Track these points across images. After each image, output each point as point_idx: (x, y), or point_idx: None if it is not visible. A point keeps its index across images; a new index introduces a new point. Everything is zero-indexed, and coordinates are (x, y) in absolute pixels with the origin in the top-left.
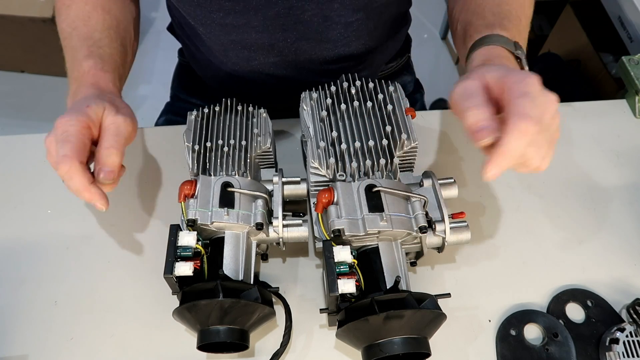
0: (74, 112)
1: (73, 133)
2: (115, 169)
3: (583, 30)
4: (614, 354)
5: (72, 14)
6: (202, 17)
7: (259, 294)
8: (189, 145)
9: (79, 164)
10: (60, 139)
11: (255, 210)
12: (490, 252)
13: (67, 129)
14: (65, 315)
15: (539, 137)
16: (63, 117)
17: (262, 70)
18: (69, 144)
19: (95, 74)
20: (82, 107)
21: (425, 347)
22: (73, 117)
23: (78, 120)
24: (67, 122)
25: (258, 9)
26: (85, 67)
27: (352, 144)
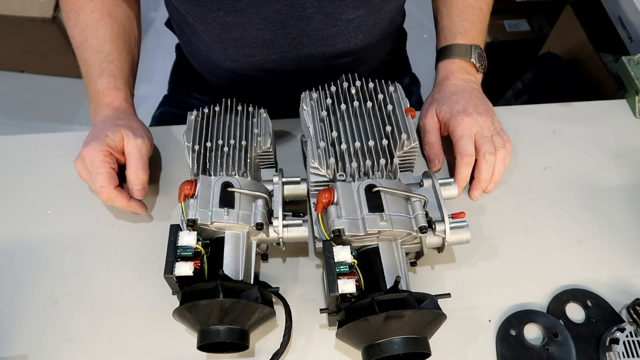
0: (96, 142)
1: (100, 164)
2: (144, 185)
3: (583, 30)
4: (614, 354)
5: (81, 22)
6: (203, 15)
7: (259, 294)
8: (189, 145)
9: (114, 189)
10: (93, 171)
11: (256, 210)
12: (490, 252)
13: (94, 160)
14: (65, 315)
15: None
16: (87, 148)
17: (261, 66)
18: (101, 176)
19: (109, 94)
20: (101, 136)
21: (425, 347)
22: (96, 148)
23: (100, 151)
24: (93, 154)
25: (259, 7)
26: (99, 86)
27: (352, 144)
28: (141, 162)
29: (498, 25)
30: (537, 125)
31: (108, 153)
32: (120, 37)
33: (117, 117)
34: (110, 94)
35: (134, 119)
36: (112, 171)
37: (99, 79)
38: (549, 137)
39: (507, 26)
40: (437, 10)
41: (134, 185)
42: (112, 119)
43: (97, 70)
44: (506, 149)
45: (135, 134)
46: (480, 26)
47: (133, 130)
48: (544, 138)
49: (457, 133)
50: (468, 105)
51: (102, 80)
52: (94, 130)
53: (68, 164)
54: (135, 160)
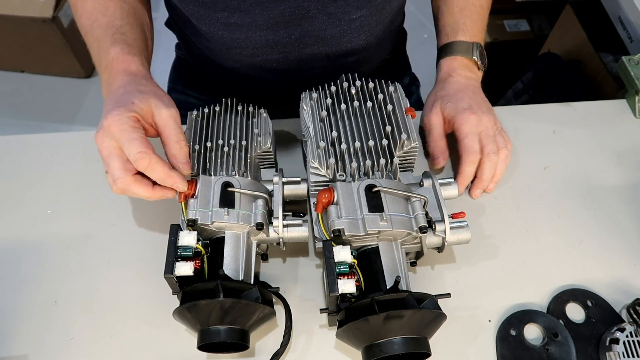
0: (122, 109)
1: (132, 130)
2: (187, 158)
3: (583, 30)
4: (614, 354)
5: (89, 7)
6: (206, 16)
7: (259, 294)
8: (189, 145)
9: (156, 156)
10: (125, 138)
11: (256, 210)
12: (490, 252)
13: (124, 127)
14: (65, 315)
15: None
16: (112, 114)
17: (264, 67)
18: (136, 142)
19: (124, 59)
20: (127, 103)
21: (425, 347)
22: (123, 115)
23: (129, 118)
24: (120, 121)
25: (264, 8)
26: (112, 54)
27: (352, 144)
28: (179, 132)
29: (498, 25)
30: (537, 125)
31: (137, 120)
32: (132, 15)
33: (138, 83)
34: (125, 60)
35: (156, 86)
36: (145, 137)
37: (111, 48)
38: (549, 137)
39: (507, 26)
40: (438, 8)
41: (179, 159)
42: (134, 85)
43: (109, 41)
44: (507, 149)
45: (166, 102)
46: (481, 24)
47: (161, 99)
48: (544, 138)
49: (463, 130)
50: (472, 103)
51: (115, 48)
52: (113, 98)
53: (68, 164)
54: (174, 131)
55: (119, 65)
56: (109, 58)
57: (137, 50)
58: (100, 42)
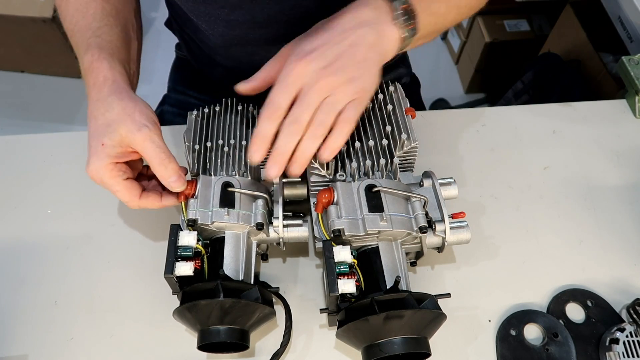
0: (95, 158)
1: (111, 182)
2: (177, 173)
3: (583, 30)
4: (614, 354)
5: (71, 9)
6: (206, 13)
7: (259, 294)
8: (189, 145)
9: (140, 197)
10: (109, 189)
11: (256, 210)
12: (490, 252)
13: (103, 179)
14: (65, 315)
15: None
16: (89, 167)
17: (263, 64)
18: (119, 193)
19: (93, 69)
20: (98, 148)
21: (425, 347)
22: (99, 166)
23: (104, 168)
24: (98, 173)
25: (264, 5)
26: (85, 63)
27: (352, 144)
28: (160, 152)
29: (498, 25)
30: (537, 125)
31: (113, 166)
32: (112, 16)
33: (106, 106)
34: (93, 70)
35: (125, 96)
36: (127, 182)
37: (84, 55)
38: (549, 137)
39: (507, 26)
40: None
41: (168, 179)
42: (102, 113)
43: (84, 48)
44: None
45: (136, 124)
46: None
47: (132, 120)
48: (544, 138)
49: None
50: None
51: (86, 56)
52: (89, 135)
53: (68, 164)
54: (153, 154)
55: (89, 79)
56: (83, 67)
57: (107, 53)
58: (77, 49)
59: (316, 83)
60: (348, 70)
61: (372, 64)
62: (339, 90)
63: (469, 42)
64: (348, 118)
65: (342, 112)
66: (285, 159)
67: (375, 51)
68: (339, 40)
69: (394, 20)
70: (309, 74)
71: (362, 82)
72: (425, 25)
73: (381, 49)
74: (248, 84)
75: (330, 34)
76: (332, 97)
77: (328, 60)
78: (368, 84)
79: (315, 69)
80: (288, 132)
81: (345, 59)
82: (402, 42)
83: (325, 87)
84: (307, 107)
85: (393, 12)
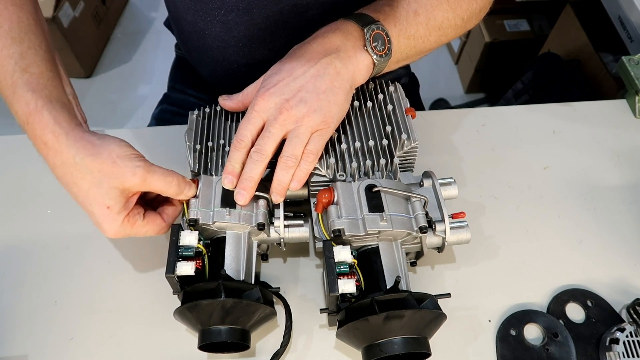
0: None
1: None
2: (185, 182)
3: (583, 30)
4: (614, 354)
5: None
6: (203, 12)
7: (260, 294)
8: (190, 144)
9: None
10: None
11: (257, 211)
12: (490, 252)
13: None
14: (65, 315)
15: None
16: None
17: (262, 67)
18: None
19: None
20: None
21: (425, 347)
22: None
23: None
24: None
25: (262, 7)
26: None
27: (352, 144)
28: (163, 177)
29: (498, 25)
30: (537, 125)
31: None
32: (31, 30)
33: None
34: (35, 127)
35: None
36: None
37: (16, 103)
38: (549, 137)
39: (507, 26)
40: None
41: (182, 193)
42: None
43: (10, 90)
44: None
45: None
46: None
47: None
48: (544, 138)
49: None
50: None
51: (19, 104)
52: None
53: None
54: (160, 184)
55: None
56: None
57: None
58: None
59: (277, 116)
60: (310, 102)
61: (337, 92)
62: (302, 123)
63: (469, 42)
64: (312, 150)
65: (308, 144)
66: (250, 185)
67: (341, 78)
68: (303, 72)
69: (365, 47)
70: (270, 108)
71: (326, 112)
72: (402, 48)
73: (348, 75)
74: (227, 102)
75: (296, 64)
76: (295, 130)
77: (290, 93)
78: (333, 113)
79: (277, 102)
80: (251, 160)
81: (307, 91)
82: (374, 67)
83: (287, 120)
84: (268, 139)
85: (364, 38)
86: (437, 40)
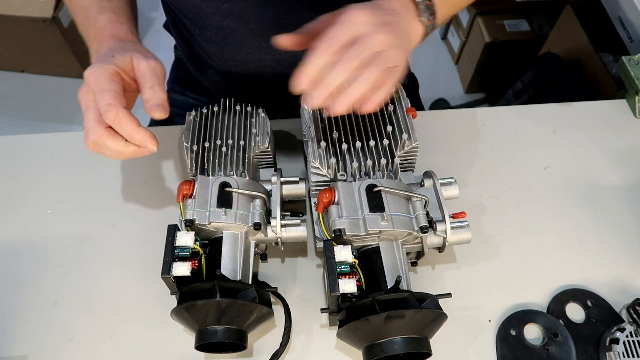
0: (101, 62)
1: (106, 82)
2: (164, 102)
3: (583, 30)
4: (614, 354)
5: None
6: (199, 19)
7: (256, 294)
8: (187, 145)
9: (124, 109)
10: (98, 90)
11: (254, 210)
12: (490, 252)
13: (99, 79)
14: (65, 315)
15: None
16: (91, 68)
17: (257, 71)
18: (107, 93)
19: (113, 27)
20: (107, 57)
21: (426, 346)
22: (102, 67)
23: (107, 69)
24: (97, 72)
25: (256, 12)
26: (101, 22)
27: (353, 144)
28: (156, 79)
29: (498, 25)
30: (537, 125)
31: (115, 72)
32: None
33: (123, 46)
34: (113, 27)
35: (143, 47)
36: (119, 91)
37: (99, 16)
38: (549, 137)
39: (507, 26)
40: None
41: (151, 101)
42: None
43: (97, 9)
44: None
45: (147, 56)
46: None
47: (143, 54)
48: (544, 138)
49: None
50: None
51: (103, 16)
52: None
53: (68, 164)
54: (149, 78)
55: (108, 33)
56: (98, 26)
57: (125, 18)
58: (86, 11)
59: (376, 34)
60: (398, 36)
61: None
62: (390, 50)
63: (469, 42)
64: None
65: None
66: (329, 91)
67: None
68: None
69: (418, 17)
70: (370, 24)
71: (404, 54)
72: (441, 17)
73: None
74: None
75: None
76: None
77: (384, 20)
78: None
79: (375, 22)
80: (342, 67)
81: (395, 26)
82: (424, 36)
83: (383, 40)
84: (366, 49)
85: (417, 9)
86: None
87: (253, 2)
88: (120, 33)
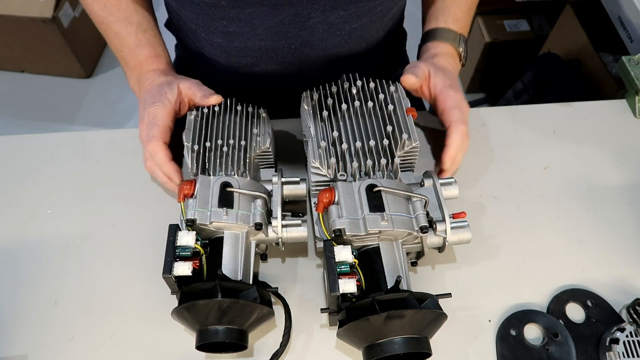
0: (158, 101)
1: (160, 118)
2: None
3: (583, 30)
4: (614, 354)
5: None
6: (205, 23)
7: (257, 294)
8: (188, 145)
9: (162, 143)
10: (149, 123)
11: (254, 211)
12: (490, 252)
13: (156, 114)
14: (65, 315)
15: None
16: (152, 106)
17: (263, 75)
18: (156, 127)
19: (153, 62)
20: (161, 96)
21: (426, 346)
22: (159, 105)
23: (164, 107)
24: (156, 109)
25: (263, 17)
26: (140, 56)
27: (353, 144)
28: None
29: (498, 25)
30: (537, 125)
31: (171, 109)
32: (142, 5)
33: (167, 80)
34: (154, 62)
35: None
36: (167, 128)
37: (138, 49)
38: (549, 137)
39: (507, 26)
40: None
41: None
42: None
43: (135, 41)
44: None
45: (189, 79)
46: (469, 16)
47: (184, 78)
48: (544, 138)
49: (449, 103)
50: (457, 88)
51: (142, 50)
52: (150, 94)
53: (68, 164)
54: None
55: (149, 67)
56: (138, 59)
57: (161, 50)
58: (122, 39)
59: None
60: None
61: None
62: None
63: (469, 42)
64: None
65: None
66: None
67: None
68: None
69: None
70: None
71: None
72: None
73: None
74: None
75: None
76: None
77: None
78: None
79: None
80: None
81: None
82: None
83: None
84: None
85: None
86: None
87: (261, 8)
88: (161, 67)
